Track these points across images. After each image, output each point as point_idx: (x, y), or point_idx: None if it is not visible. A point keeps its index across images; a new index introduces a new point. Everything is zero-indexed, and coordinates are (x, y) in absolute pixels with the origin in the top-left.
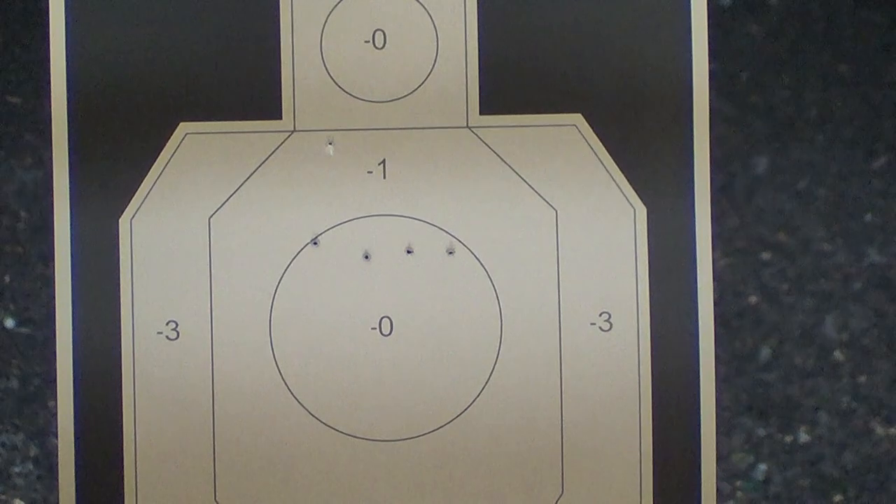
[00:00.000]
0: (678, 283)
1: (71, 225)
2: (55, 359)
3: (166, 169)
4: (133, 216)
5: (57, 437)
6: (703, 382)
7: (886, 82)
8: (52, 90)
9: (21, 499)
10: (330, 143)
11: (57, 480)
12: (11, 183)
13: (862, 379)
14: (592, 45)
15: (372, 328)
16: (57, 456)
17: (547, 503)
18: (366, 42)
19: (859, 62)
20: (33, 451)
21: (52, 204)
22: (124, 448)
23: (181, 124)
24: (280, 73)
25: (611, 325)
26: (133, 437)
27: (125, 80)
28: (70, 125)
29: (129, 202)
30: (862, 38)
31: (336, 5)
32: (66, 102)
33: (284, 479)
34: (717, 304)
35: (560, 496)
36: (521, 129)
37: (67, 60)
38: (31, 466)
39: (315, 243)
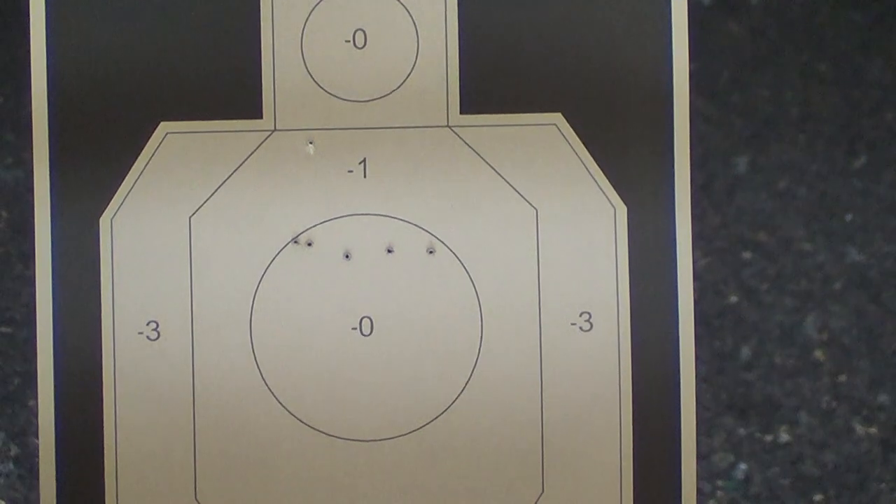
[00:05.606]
0: (658, 283)
1: (51, 224)
2: (36, 358)
3: (147, 168)
4: (114, 215)
5: (37, 436)
6: (684, 382)
7: (867, 81)
8: (32, 89)
9: (2, 498)
10: (310, 143)
11: (38, 480)
12: None
13: (842, 378)
14: (573, 45)
15: (352, 328)
16: (37, 456)
17: (527, 502)
18: (346, 41)
19: (839, 61)
20: (14, 451)
21: (33, 203)
22: (105, 447)
23: (162, 123)
24: (260, 72)
25: (591, 324)
26: (114, 436)
27: (106, 79)
28: (50, 124)
29: (109, 201)
30: (842, 38)
31: (317, 5)
32: (46, 101)
33: (265, 478)
34: (697, 303)
35: (540, 495)
36: (502, 129)
37: (48, 59)
38: (11, 466)
39: (296, 242)
